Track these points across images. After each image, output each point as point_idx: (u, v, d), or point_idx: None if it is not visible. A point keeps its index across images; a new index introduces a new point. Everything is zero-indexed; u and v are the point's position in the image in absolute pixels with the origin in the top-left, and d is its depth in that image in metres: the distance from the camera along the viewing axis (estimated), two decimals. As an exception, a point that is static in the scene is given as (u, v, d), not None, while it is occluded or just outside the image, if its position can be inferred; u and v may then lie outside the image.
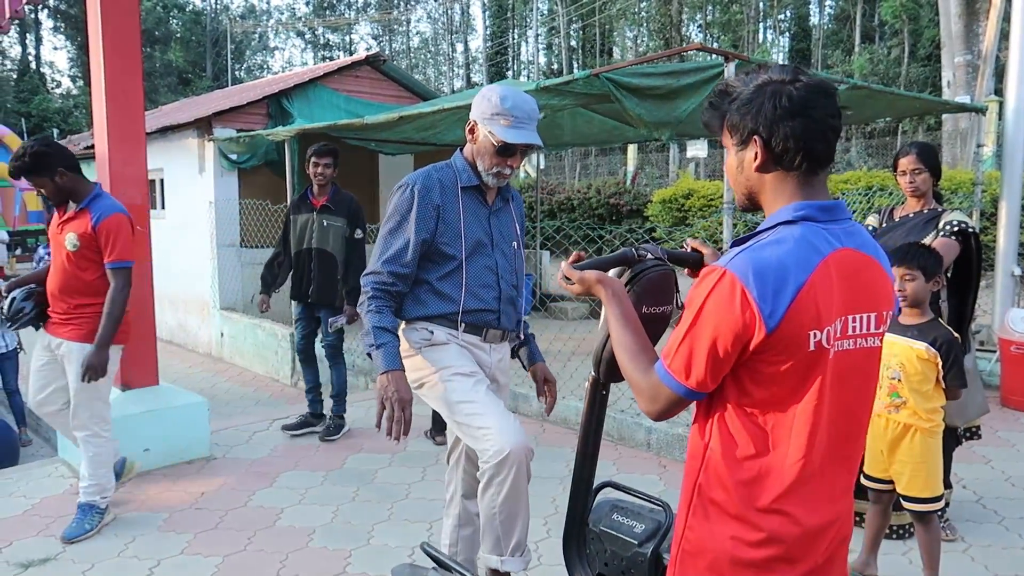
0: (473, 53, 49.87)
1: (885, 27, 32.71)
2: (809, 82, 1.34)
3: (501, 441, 2.33)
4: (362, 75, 10.07)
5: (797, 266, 1.27)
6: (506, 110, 2.40)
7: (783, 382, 1.31)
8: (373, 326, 2.42)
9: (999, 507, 3.91)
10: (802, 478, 1.34)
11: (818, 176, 1.38)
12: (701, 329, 1.31)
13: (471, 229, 2.55)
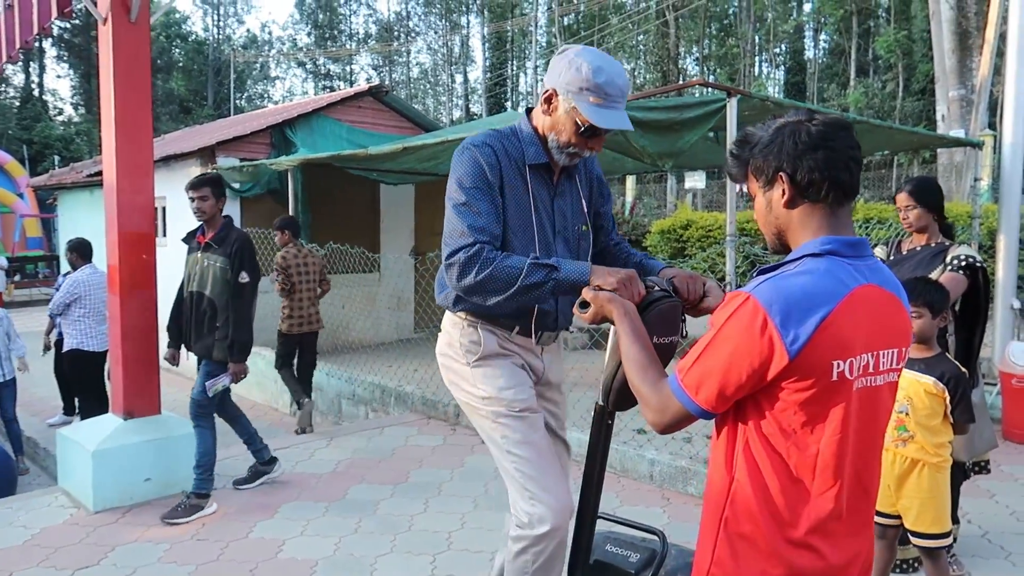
0: (472, 84, 50.43)
1: (879, 61, 33.19)
2: (825, 119, 1.39)
3: (547, 512, 2.13)
4: (365, 105, 10.18)
5: (823, 296, 1.30)
6: (598, 86, 2.04)
7: (807, 411, 1.33)
8: (527, 264, 1.97)
9: (1005, 542, 3.89)
10: (833, 512, 1.36)
11: (843, 208, 1.41)
12: (718, 350, 1.34)
13: (537, 215, 2.20)
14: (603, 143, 2.19)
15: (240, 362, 4.36)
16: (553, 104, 2.12)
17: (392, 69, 49.14)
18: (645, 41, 32.79)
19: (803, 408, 1.33)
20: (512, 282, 1.98)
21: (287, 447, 5.54)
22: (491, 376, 2.21)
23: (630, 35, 34.74)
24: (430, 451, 5.43)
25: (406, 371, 7.68)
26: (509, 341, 2.24)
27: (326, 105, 9.77)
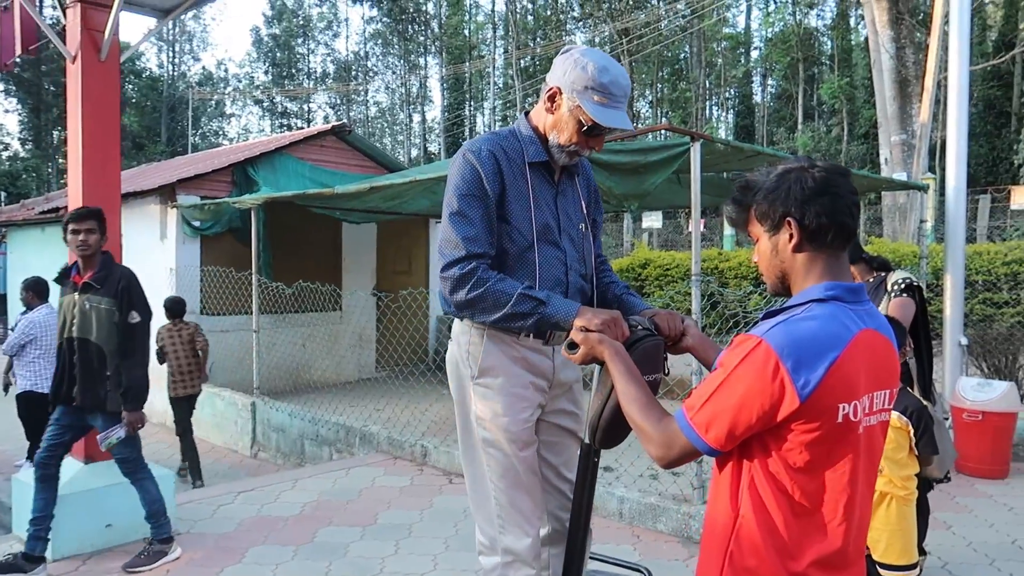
0: (430, 123, 50.82)
1: (823, 106, 34.51)
2: (826, 166, 1.46)
3: (514, 544, 2.18)
4: (327, 144, 10.21)
5: (831, 341, 1.36)
6: (603, 85, 2.05)
7: (812, 451, 1.39)
8: (518, 293, 2.00)
9: (963, 572, 4.01)
10: (841, 546, 1.42)
11: (842, 254, 1.49)
12: (729, 392, 1.38)
13: (540, 212, 2.19)
14: (603, 143, 2.22)
15: (135, 410, 3.92)
16: (557, 102, 2.13)
17: (350, 108, 49.30)
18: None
19: (809, 448, 1.38)
20: (500, 307, 2.01)
21: (251, 489, 5.43)
22: (489, 399, 2.17)
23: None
24: (398, 492, 5.38)
25: (369, 410, 7.61)
26: (518, 345, 2.17)
27: (288, 144, 9.77)
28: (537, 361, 2.19)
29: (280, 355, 9.20)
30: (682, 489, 4.79)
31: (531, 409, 2.22)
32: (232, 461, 7.53)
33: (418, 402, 8.10)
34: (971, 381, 5.97)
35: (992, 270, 10.94)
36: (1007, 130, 26.06)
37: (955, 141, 6.60)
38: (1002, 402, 5.71)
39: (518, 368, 2.18)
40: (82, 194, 4.27)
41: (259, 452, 7.65)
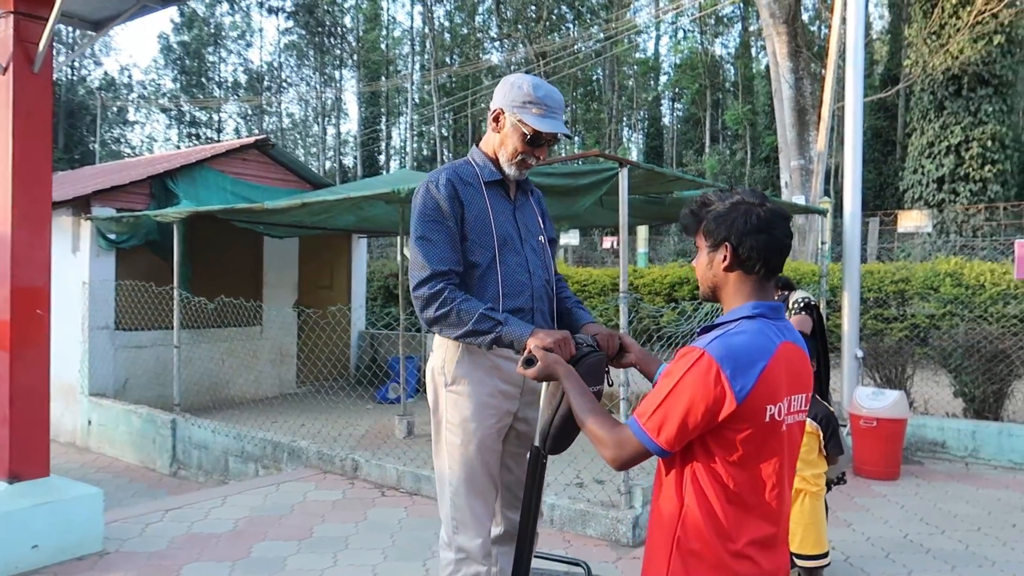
0: (344, 136, 50.29)
1: (727, 130, 36.19)
2: (772, 207, 1.70)
3: (466, 544, 2.38)
4: (249, 158, 10.10)
5: (760, 352, 1.60)
6: (539, 99, 2.33)
7: (746, 447, 1.61)
8: (479, 313, 2.21)
9: (864, 564, 4.40)
10: (770, 528, 1.65)
11: (770, 281, 1.73)
12: (677, 398, 1.59)
13: (499, 223, 2.41)
14: (546, 154, 2.46)
15: None
16: (501, 121, 2.41)
17: (262, 119, 48.25)
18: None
19: (743, 444, 1.61)
20: (463, 324, 2.23)
21: (179, 507, 5.36)
22: (460, 405, 2.37)
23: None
24: (330, 506, 5.42)
25: (292, 426, 7.58)
26: (491, 354, 2.35)
27: (210, 157, 9.61)
28: (509, 368, 2.37)
29: (198, 371, 9.01)
30: (609, 495, 5.04)
31: (498, 417, 2.41)
32: (150, 480, 7.34)
33: (343, 417, 8.11)
34: (866, 390, 6.50)
35: (882, 288, 11.81)
36: (892, 158, 28.03)
37: (851, 169, 7.19)
38: (894, 409, 6.25)
39: (490, 377, 2.38)
40: (11, 210, 4.17)
41: (179, 470, 7.48)
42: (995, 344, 7.54)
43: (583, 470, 5.79)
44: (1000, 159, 20.00)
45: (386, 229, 11.12)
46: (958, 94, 20.34)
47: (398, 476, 5.79)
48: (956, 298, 10.93)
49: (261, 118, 47.76)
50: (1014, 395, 7.48)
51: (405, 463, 5.93)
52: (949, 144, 20.32)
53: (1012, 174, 21.10)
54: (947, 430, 7.00)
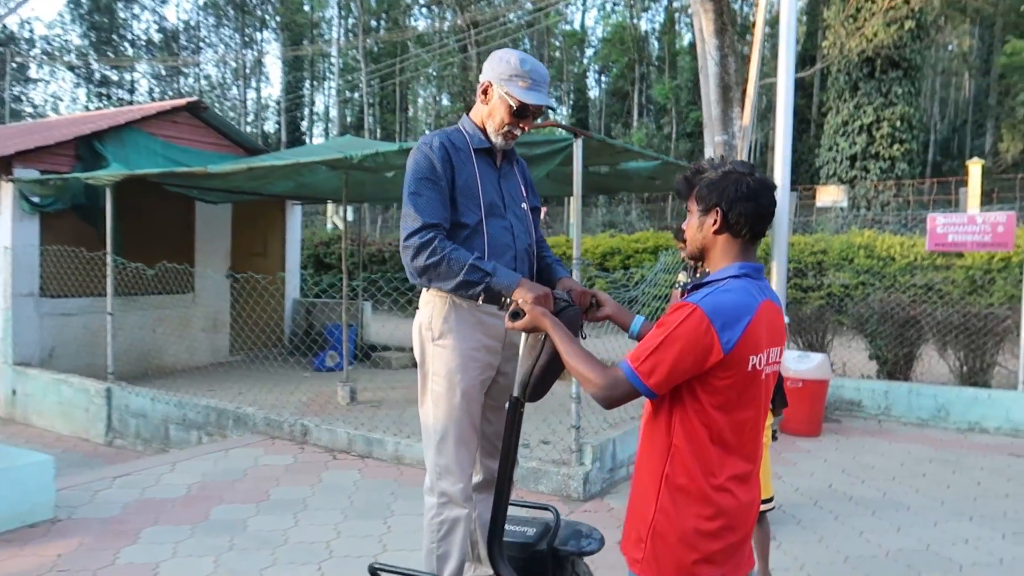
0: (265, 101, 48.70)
1: (652, 104, 36.81)
2: (760, 178, 1.86)
3: (449, 488, 2.55)
4: (181, 121, 9.78)
5: (745, 308, 1.77)
6: (525, 72, 2.46)
7: (729, 393, 1.79)
8: (469, 263, 2.33)
9: (795, 512, 4.76)
10: (748, 464, 1.84)
11: (754, 245, 1.90)
12: (670, 346, 1.75)
13: (486, 190, 2.55)
14: (531, 125, 2.58)
15: None
16: (489, 94, 2.53)
17: (176, 80, 46.18)
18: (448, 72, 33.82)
19: (727, 391, 1.79)
20: (454, 274, 2.35)
21: (128, 474, 5.30)
22: (446, 358, 2.51)
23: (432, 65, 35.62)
24: (283, 470, 5.45)
25: (230, 394, 7.51)
26: (476, 311, 2.51)
27: (139, 118, 9.26)
28: (493, 324, 2.54)
29: (129, 339, 8.76)
30: (560, 454, 5.26)
31: (482, 369, 2.56)
32: (85, 450, 7.16)
33: (281, 385, 8.08)
34: (793, 354, 6.92)
35: (801, 259, 12.44)
36: (807, 135, 29.18)
37: (782, 144, 7.52)
38: (818, 371, 6.69)
39: (475, 332, 2.52)
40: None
41: (116, 439, 7.32)
42: (906, 311, 8.12)
43: (531, 434, 5.99)
44: (908, 139, 21.14)
45: (324, 196, 11.00)
46: (871, 76, 21.32)
47: (349, 440, 5.86)
48: (869, 269, 11.62)
49: (176, 79, 45.74)
50: (922, 358, 8.10)
51: (356, 427, 5.99)
52: (862, 123, 21.33)
53: (917, 153, 22.36)
54: (863, 390, 7.53)
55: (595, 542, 2.72)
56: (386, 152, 5.57)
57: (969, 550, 4.19)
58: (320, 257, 18.25)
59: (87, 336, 8.85)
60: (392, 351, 10.71)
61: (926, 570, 3.91)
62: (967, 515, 4.74)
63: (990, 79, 31.44)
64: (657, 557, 1.82)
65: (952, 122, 36.47)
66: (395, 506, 4.73)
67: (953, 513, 4.78)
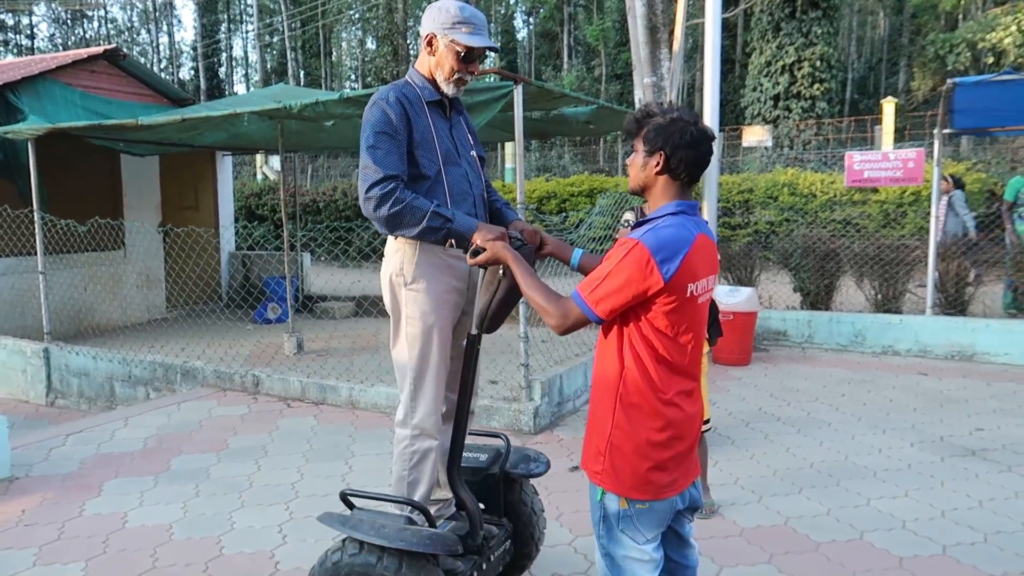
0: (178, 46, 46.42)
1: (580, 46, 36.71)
2: (703, 128, 2.03)
3: (421, 420, 2.68)
4: (99, 70, 9.37)
5: (683, 241, 1.98)
6: (466, 19, 2.56)
7: (671, 317, 2.00)
8: (430, 211, 2.44)
9: (728, 433, 5.15)
10: (691, 380, 2.08)
11: (690, 187, 2.10)
12: (616, 278, 1.95)
13: (441, 141, 2.65)
14: (477, 69, 2.68)
15: None
16: (434, 45, 2.62)
17: (80, 25, 43.52)
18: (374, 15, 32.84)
19: (669, 316, 2.00)
20: (417, 222, 2.47)
21: (80, 431, 5.30)
22: (420, 302, 2.64)
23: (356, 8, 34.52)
24: (239, 420, 5.54)
25: (172, 349, 7.47)
26: (444, 255, 2.64)
27: (54, 68, 8.84)
28: (460, 267, 2.69)
29: (59, 298, 8.53)
30: (511, 391, 5.50)
31: (452, 310, 2.73)
32: (26, 411, 7.05)
33: (224, 338, 8.06)
34: (723, 288, 7.29)
35: (729, 198, 12.88)
36: (732, 76, 29.71)
37: (710, 85, 7.78)
38: (747, 304, 7.08)
39: (444, 276, 2.67)
40: None
41: (57, 399, 7.23)
42: (826, 245, 8.60)
43: (481, 374, 6.20)
44: (827, 78, 21.79)
45: (256, 146, 10.79)
46: (792, 16, 21.77)
47: (303, 388, 5.97)
48: (792, 206, 12.15)
49: (80, 24, 43.11)
50: (841, 288, 8.63)
51: (309, 375, 6.10)
52: (784, 64, 21.85)
53: (836, 92, 23.08)
54: (788, 321, 8.01)
55: (542, 465, 2.97)
56: (326, 101, 5.55)
57: (882, 459, 4.64)
58: (252, 209, 17.87)
59: (14, 297, 8.60)
60: (332, 301, 10.73)
61: (844, 478, 4.32)
62: (880, 428, 5.22)
63: (903, 18, 32.48)
64: (615, 467, 2.04)
65: (868, 61, 37.64)
66: (354, 448, 4.90)
67: (868, 427, 5.25)
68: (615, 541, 2.06)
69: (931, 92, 26.51)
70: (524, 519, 3.01)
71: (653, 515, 2.05)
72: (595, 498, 2.10)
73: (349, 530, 2.41)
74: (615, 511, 2.05)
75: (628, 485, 2.02)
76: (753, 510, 3.90)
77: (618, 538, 2.06)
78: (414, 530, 2.41)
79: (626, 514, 2.04)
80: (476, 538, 2.68)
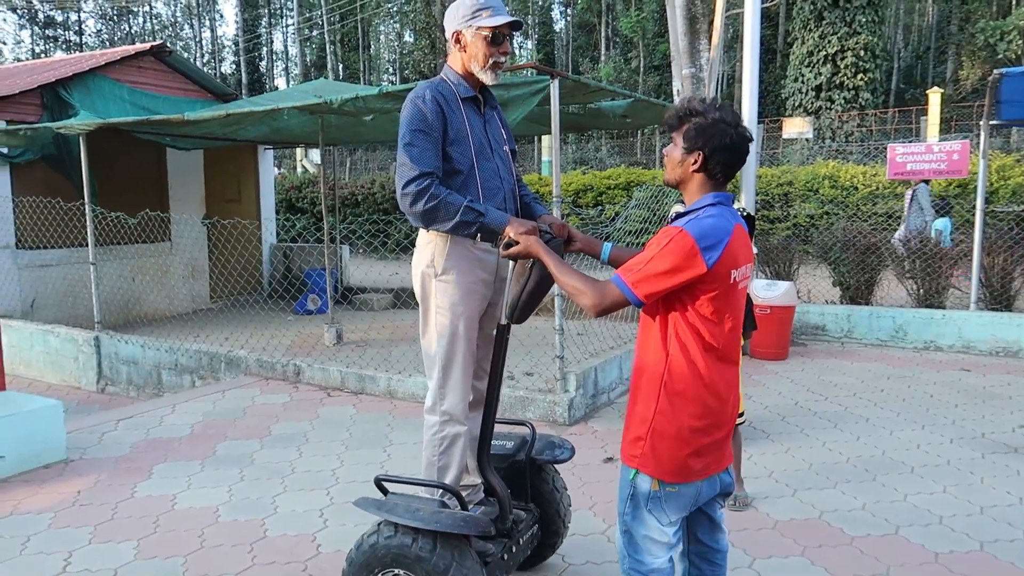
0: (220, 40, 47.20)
1: (618, 37, 36.45)
2: (743, 131, 2.09)
3: (450, 407, 2.77)
4: (146, 66, 9.66)
5: (724, 231, 2.03)
6: (484, 4, 2.64)
7: (715, 304, 2.05)
8: (464, 205, 2.52)
9: (764, 427, 5.14)
10: (733, 367, 2.12)
11: (724, 184, 2.15)
12: (659, 263, 2.00)
13: (475, 136, 2.72)
14: (509, 50, 2.74)
15: None
16: (462, 40, 2.69)
17: (126, 20, 44.49)
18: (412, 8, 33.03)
19: (712, 302, 2.05)
20: (451, 217, 2.55)
21: (130, 417, 5.50)
22: (449, 292, 2.73)
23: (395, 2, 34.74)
24: (281, 408, 5.69)
25: (217, 338, 7.68)
26: (473, 248, 2.73)
27: (104, 64, 9.12)
28: (488, 260, 2.79)
29: (108, 289, 8.83)
30: (546, 383, 5.56)
31: (480, 301, 2.82)
32: (78, 398, 7.32)
33: (266, 328, 8.26)
34: (761, 282, 7.25)
35: (768, 191, 12.74)
36: (773, 66, 29.26)
37: (749, 77, 7.71)
38: (784, 298, 7.04)
39: (473, 267, 2.76)
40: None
41: (107, 387, 7.48)
42: (867, 239, 8.49)
43: (516, 366, 6.29)
44: (871, 68, 21.37)
45: (297, 140, 10.98)
46: (835, 5, 21.37)
47: (342, 378, 6.10)
48: (833, 199, 11.98)
49: (126, 19, 44.08)
50: (882, 283, 8.51)
51: (348, 365, 6.23)
52: (826, 54, 21.47)
53: (881, 82, 22.61)
54: (827, 315, 7.93)
55: (567, 451, 3.05)
56: (366, 96, 5.66)
57: (920, 454, 4.60)
58: (292, 201, 18.17)
59: (66, 287, 8.91)
60: (371, 292, 10.90)
61: (881, 473, 4.30)
62: (919, 424, 5.16)
63: (952, 5, 31.61)
64: (655, 451, 2.10)
65: (916, 49, 36.71)
66: (392, 436, 5.01)
67: (907, 423, 5.19)
68: (639, 520, 2.14)
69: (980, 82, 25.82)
70: (549, 501, 3.09)
71: (680, 498, 2.12)
72: (627, 476, 2.17)
73: (385, 513, 2.49)
74: (645, 491, 2.12)
75: (665, 469, 2.09)
76: (787, 503, 3.91)
77: (643, 518, 2.13)
78: (448, 512, 2.48)
79: (656, 495, 2.11)
80: (506, 521, 2.76)
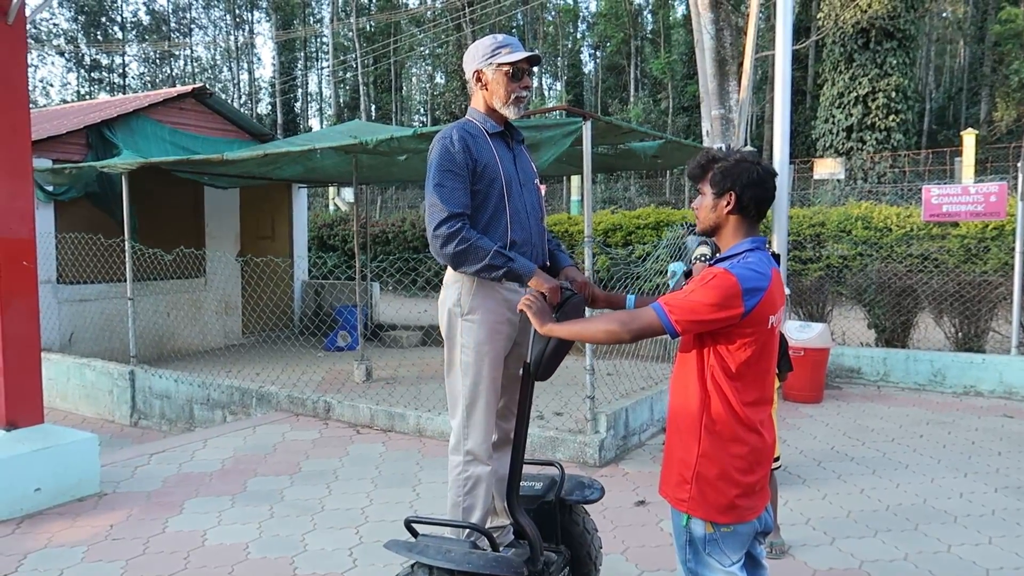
0: (258, 82, 48.47)
1: (646, 79, 36.80)
2: (766, 166, 2.13)
3: (474, 447, 2.78)
4: (187, 107, 9.93)
5: (763, 276, 2.04)
6: (501, 43, 2.75)
7: (752, 347, 2.05)
8: (493, 251, 2.57)
9: (799, 471, 5.03)
10: (765, 407, 2.10)
11: (758, 223, 2.16)
12: (700, 296, 2.01)
13: (505, 170, 2.78)
14: (530, 84, 2.82)
15: None
16: (484, 79, 2.78)
17: (168, 63, 45.94)
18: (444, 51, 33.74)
19: (750, 346, 2.05)
20: (480, 260, 2.60)
21: (163, 451, 5.54)
22: (474, 332, 2.75)
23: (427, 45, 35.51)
24: (311, 444, 5.70)
25: (248, 374, 7.74)
26: (500, 288, 2.77)
27: (147, 106, 9.41)
28: (513, 299, 2.79)
29: (144, 324, 8.98)
30: (576, 423, 5.51)
31: (506, 341, 2.84)
32: (112, 431, 7.40)
33: (297, 365, 8.31)
34: (794, 324, 7.16)
35: (800, 232, 12.66)
36: (803, 107, 29.27)
37: (780, 117, 7.68)
38: (818, 340, 6.93)
39: (500, 307, 2.78)
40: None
41: (140, 420, 7.57)
42: (903, 280, 8.36)
43: (546, 405, 6.25)
44: (903, 109, 21.29)
45: (331, 179, 11.17)
46: (866, 47, 21.41)
47: (371, 415, 6.11)
48: (866, 240, 11.85)
49: (167, 62, 45.51)
50: (919, 325, 8.36)
51: (377, 403, 6.24)
52: (857, 95, 21.45)
53: (912, 123, 22.48)
54: (862, 358, 7.79)
55: (596, 491, 3.00)
56: (400, 137, 5.75)
57: (963, 503, 4.46)
58: (323, 239, 18.42)
59: (103, 321, 9.08)
60: (401, 330, 10.95)
61: (923, 522, 4.18)
62: (962, 472, 5.02)
63: (984, 47, 31.49)
64: (703, 494, 2.09)
65: (947, 90, 36.55)
66: (421, 475, 4.99)
67: (948, 470, 5.05)
68: (703, 564, 2.13)
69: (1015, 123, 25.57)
70: (580, 543, 3.04)
71: (737, 537, 2.11)
72: (680, 523, 2.16)
73: (416, 555, 2.47)
74: (701, 535, 2.11)
75: (715, 510, 2.09)
76: (825, 552, 3.81)
77: (706, 561, 2.12)
78: (480, 553, 2.46)
79: (712, 538, 2.10)
80: (537, 563, 2.72)
